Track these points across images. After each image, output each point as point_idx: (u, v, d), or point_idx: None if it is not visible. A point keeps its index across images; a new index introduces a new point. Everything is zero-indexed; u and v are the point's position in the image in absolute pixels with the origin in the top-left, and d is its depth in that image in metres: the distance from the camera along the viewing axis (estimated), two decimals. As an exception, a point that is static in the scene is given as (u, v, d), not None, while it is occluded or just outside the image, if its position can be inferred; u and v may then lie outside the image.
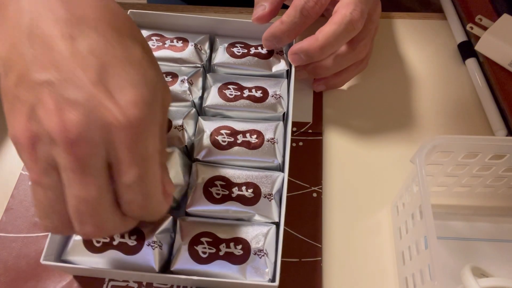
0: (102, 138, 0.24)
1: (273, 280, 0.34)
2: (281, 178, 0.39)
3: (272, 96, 0.43)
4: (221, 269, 0.35)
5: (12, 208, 0.42)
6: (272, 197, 0.38)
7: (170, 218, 0.38)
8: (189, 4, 0.58)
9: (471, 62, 0.51)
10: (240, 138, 0.40)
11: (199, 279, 0.33)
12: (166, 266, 0.36)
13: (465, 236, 0.41)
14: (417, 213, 0.34)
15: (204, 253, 0.35)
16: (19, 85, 0.24)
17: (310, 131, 0.46)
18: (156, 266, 0.35)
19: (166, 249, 0.36)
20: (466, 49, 0.52)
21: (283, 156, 0.40)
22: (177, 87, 0.43)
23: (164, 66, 0.45)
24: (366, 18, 0.40)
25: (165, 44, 0.46)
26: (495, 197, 0.42)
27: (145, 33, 0.47)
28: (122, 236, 0.36)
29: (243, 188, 0.38)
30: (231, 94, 0.43)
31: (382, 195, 0.43)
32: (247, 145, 0.40)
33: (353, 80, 0.51)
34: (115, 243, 0.35)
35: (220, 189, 0.38)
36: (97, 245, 0.35)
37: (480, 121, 0.48)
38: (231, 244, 0.36)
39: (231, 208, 0.37)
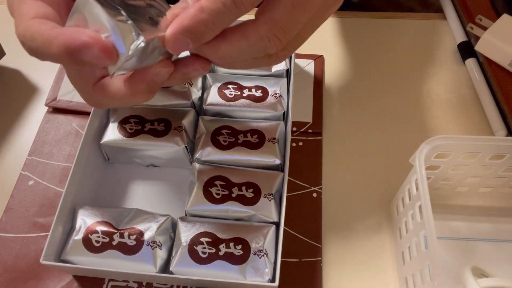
0: None
1: (273, 280, 0.34)
2: (281, 178, 0.39)
3: (272, 96, 0.43)
4: (221, 269, 0.35)
5: (11, 208, 0.42)
6: (272, 197, 0.38)
7: (170, 218, 0.38)
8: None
9: (471, 62, 0.51)
10: (241, 138, 0.40)
11: (199, 279, 0.33)
12: (165, 266, 0.36)
13: (465, 236, 0.41)
14: (417, 213, 0.34)
15: (204, 253, 0.35)
16: None
17: (310, 131, 0.46)
18: (155, 266, 0.35)
19: (165, 249, 0.36)
20: (466, 49, 0.52)
21: (284, 156, 0.40)
22: (177, 87, 0.43)
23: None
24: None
25: (165, 44, 0.46)
26: (495, 197, 0.42)
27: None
28: (122, 236, 0.36)
29: (243, 188, 0.38)
30: (231, 94, 0.43)
31: (382, 195, 0.43)
32: (248, 145, 0.40)
33: (353, 80, 0.51)
34: (114, 243, 0.35)
35: (220, 189, 0.38)
36: (97, 245, 0.35)
37: (480, 121, 0.48)
38: (231, 244, 0.36)
39: (231, 208, 0.37)
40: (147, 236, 0.36)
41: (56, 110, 0.48)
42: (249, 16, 0.27)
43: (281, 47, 0.28)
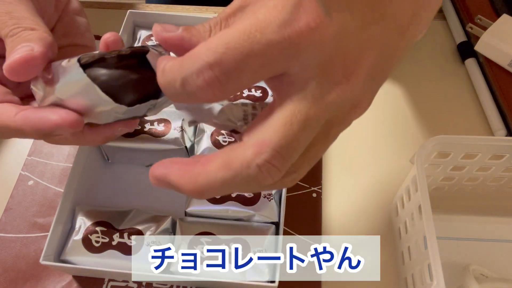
0: None
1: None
2: (281, 178, 0.39)
3: (272, 95, 0.43)
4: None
5: (11, 208, 0.42)
6: (271, 197, 0.38)
7: (170, 218, 0.38)
8: (189, 4, 0.58)
9: (470, 62, 0.51)
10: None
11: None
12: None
13: (465, 236, 0.41)
14: (417, 213, 0.34)
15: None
16: None
17: (309, 131, 0.46)
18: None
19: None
20: (466, 49, 0.52)
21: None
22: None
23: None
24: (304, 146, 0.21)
25: (165, 44, 0.46)
26: (495, 197, 0.42)
27: (145, 33, 0.47)
28: (122, 236, 0.36)
29: (243, 188, 0.38)
30: (230, 94, 0.43)
31: (382, 195, 0.43)
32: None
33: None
34: (114, 243, 0.35)
35: (220, 189, 0.38)
36: (96, 245, 0.35)
37: (479, 121, 0.48)
38: (231, 244, 0.36)
39: (231, 208, 0.37)
40: (147, 236, 0.36)
41: (56, 110, 0.48)
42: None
43: (281, 175, 0.21)
